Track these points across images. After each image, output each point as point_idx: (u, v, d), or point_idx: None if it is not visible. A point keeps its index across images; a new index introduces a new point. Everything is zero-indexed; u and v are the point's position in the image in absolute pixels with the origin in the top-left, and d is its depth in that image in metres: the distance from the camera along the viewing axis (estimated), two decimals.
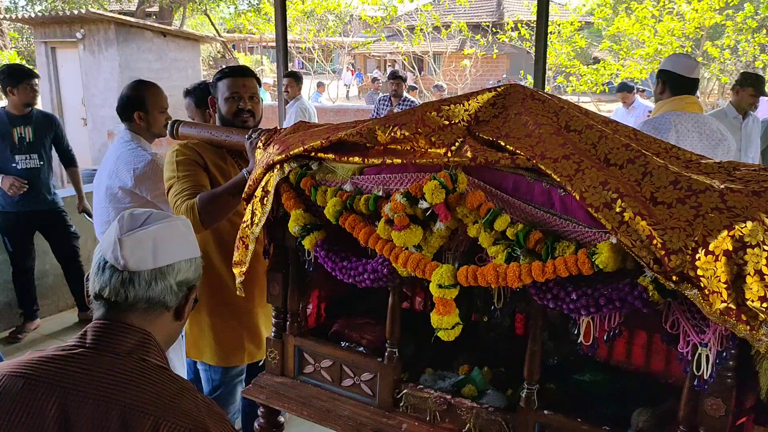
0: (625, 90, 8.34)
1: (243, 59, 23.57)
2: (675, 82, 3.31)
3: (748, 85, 4.90)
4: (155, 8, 19.94)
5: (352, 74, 28.16)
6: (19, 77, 4.62)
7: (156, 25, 11.01)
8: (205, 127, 2.62)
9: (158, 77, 9.88)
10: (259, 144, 2.20)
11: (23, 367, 1.29)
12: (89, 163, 9.67)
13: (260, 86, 2.66)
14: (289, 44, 6.64)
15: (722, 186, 1.44)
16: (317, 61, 22.11)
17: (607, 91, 17.23)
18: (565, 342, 2.11)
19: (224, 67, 2.75)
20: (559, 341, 2.14)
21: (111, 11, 14.77)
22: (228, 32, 25.28)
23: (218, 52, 22.67)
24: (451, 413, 1.91)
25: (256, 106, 2.60)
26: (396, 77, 7.83)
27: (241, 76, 2.60)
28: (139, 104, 3.27)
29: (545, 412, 1.77)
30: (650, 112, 4.87)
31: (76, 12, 10.04)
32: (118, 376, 1.28)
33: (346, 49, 24.71)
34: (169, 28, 11.45)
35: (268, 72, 22.68)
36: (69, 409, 1.23)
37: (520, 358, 1.81)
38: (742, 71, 5.20)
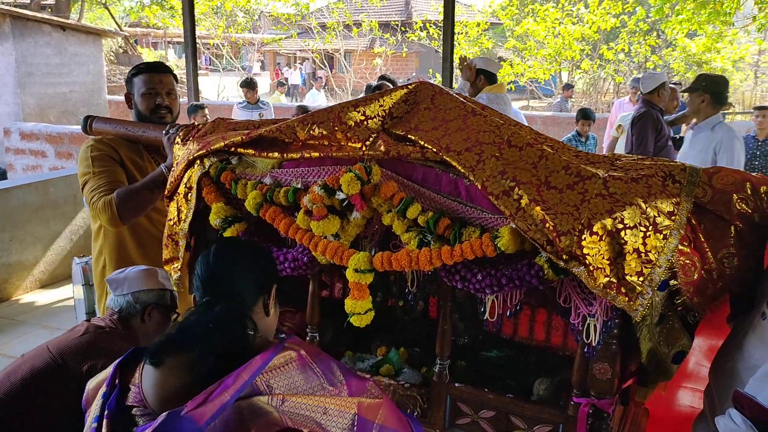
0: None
1: (147, 54, 22.80)
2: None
3: None
4: (51, 0, 19.02)
5: (300, 73, 27.58)
6: None
7: (55, 18, 10.52)
8: (121, 123, 2.61)
9: (58, 72, 9.50)
10: (177, 139, 2.23)
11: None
12: None
13: (177, 82, 2.68)
14: (197, 40, 6.56)
15: (605, 174, 1.62)
16: (226, 58, 21.74)
17: (513, 89, 17.88)
18: (473, 323, 2.28)
19: (140, 63, 2.76)
20: (469, 323, 2.30)
21: (5, 3, 14.01)
22: (130, 26, 24.41)
23: (120, 47, 21.83)
24: None
25: (174, 102, 2.62)
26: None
27: (157, 72, 2.61)
28: None
29: (456, 384, 1.92)
30: None
31: None
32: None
33: (255, 46, 24.41)
34: (68, 21, 10.96)
35: (174, 68, 22.04)
36: None
37: (434, 339, 1.95)
38: None
